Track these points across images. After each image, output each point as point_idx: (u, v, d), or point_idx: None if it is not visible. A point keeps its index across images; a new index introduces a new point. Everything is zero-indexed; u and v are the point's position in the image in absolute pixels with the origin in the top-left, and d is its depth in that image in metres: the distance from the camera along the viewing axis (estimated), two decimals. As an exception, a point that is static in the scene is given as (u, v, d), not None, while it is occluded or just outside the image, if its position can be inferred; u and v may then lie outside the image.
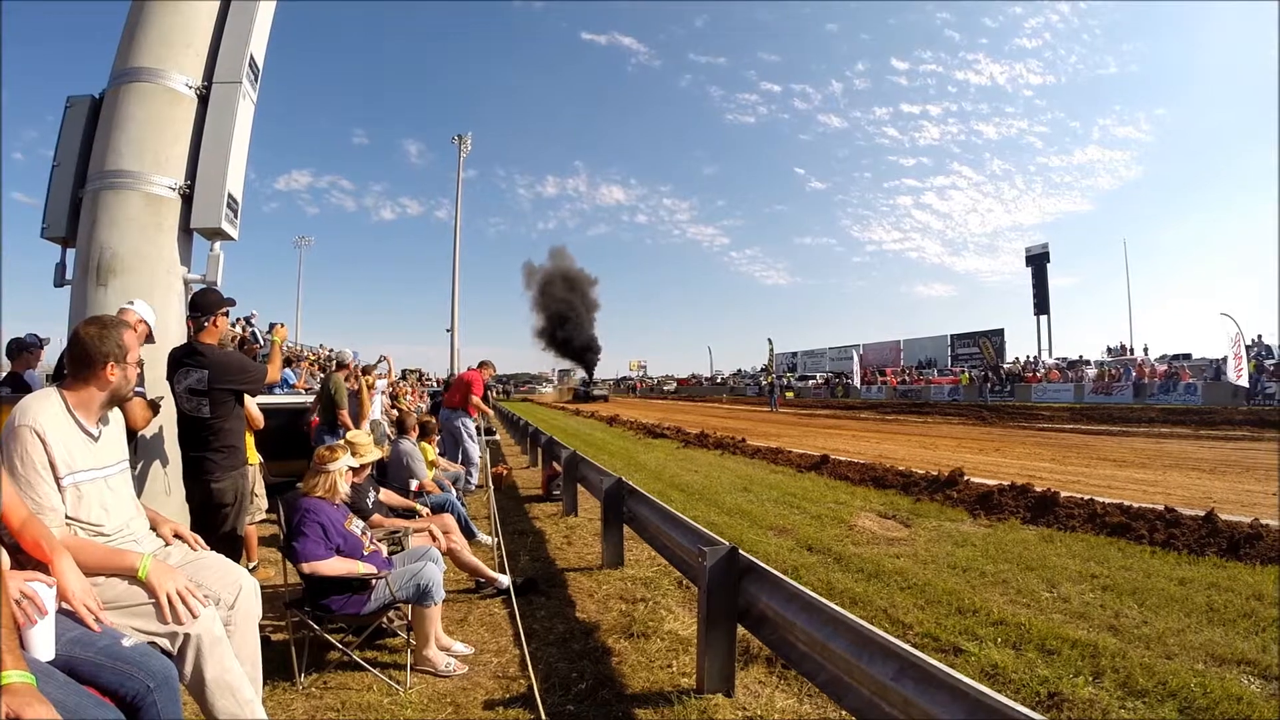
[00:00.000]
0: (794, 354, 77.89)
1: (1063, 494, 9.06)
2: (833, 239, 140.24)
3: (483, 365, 11.60)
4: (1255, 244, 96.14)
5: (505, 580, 5.76)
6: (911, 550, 7.17)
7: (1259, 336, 34.37)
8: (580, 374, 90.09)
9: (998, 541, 7.44)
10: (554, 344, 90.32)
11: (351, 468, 4.56)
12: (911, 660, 2.59)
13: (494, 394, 72.61)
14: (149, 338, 4.22)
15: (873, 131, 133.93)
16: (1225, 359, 27.50)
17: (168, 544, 3.00)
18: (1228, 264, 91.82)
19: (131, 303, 4.31)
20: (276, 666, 3.95)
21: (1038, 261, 54.03)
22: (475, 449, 10.91)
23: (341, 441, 4.92)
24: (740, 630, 3.99)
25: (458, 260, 47.20)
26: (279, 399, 9.60)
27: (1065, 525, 7.99)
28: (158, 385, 4.62)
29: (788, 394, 53.41)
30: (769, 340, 62.70)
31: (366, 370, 10.77)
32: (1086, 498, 8.95)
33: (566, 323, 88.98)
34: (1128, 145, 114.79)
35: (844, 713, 3.39)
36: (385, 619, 4.40)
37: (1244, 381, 26.28)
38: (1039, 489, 9.29)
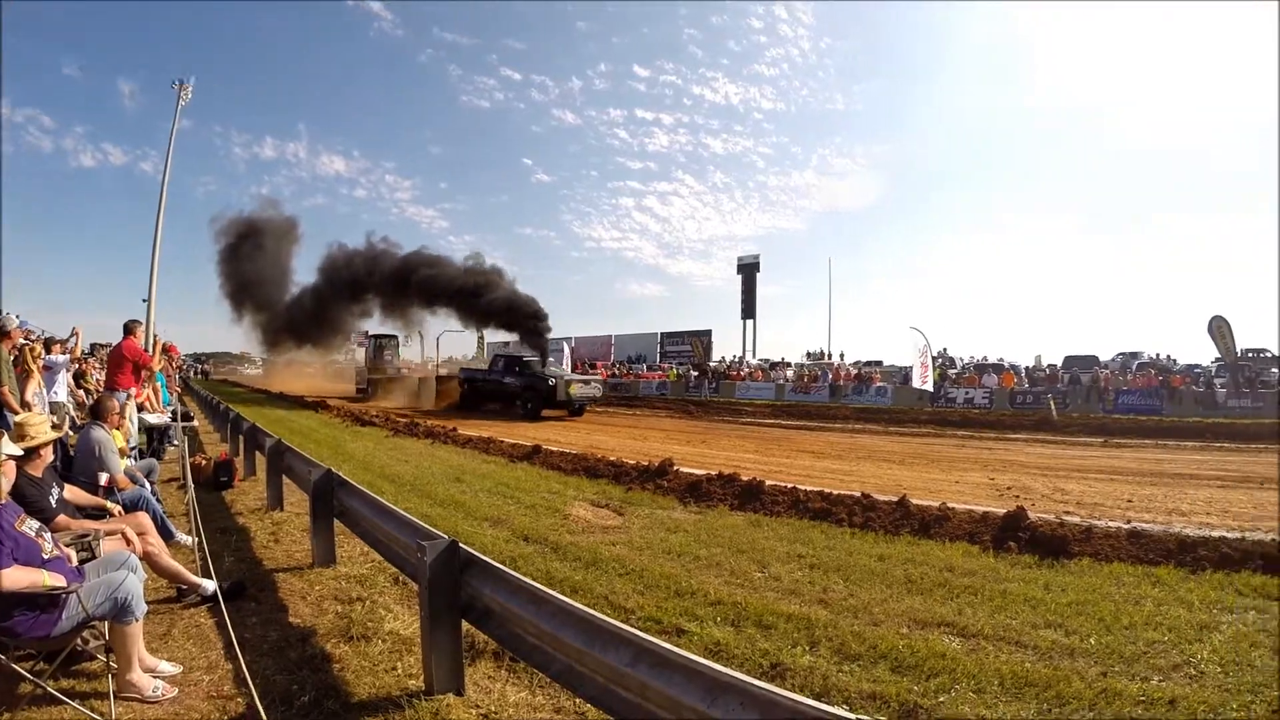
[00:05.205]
0: (506, 344, 77.85)
1: (767, 482, 9.80)
2: (553, 232, 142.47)
3: (130, 331, 10.11)
4: (944, 269, 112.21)
5: (210, 585, 5.27)
6: (627, 538, 7.42)
7: (944, 349, 40.35)
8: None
9: (709, 527, 7.88)
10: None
11: (12, 455, 3.86)
12: (644, 645, 2.68)
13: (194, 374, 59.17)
14: None
15: (605, 132, 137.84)
16: (912, 367, 31.23)
17: None
18: (920, 284, 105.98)
19: None
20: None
21: (748, 270, 58.69)
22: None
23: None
24: (465, 625, 3.93)
25: (161, 221, 41.36)
26: None
27: (771, 511, 8.62)
28: None
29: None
30: (480, 333, 59.05)
31: (49, 344, 9.28)
32: (790, 485, 9.75)
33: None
34: (843, 175, 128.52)
35: (579, 701, 3.45)
36: (80, 640, 3.82)
37: (929, 387, 29.94)
38: (745, 478, 10.03)
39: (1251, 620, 4.99)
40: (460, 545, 3.91)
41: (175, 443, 11.96)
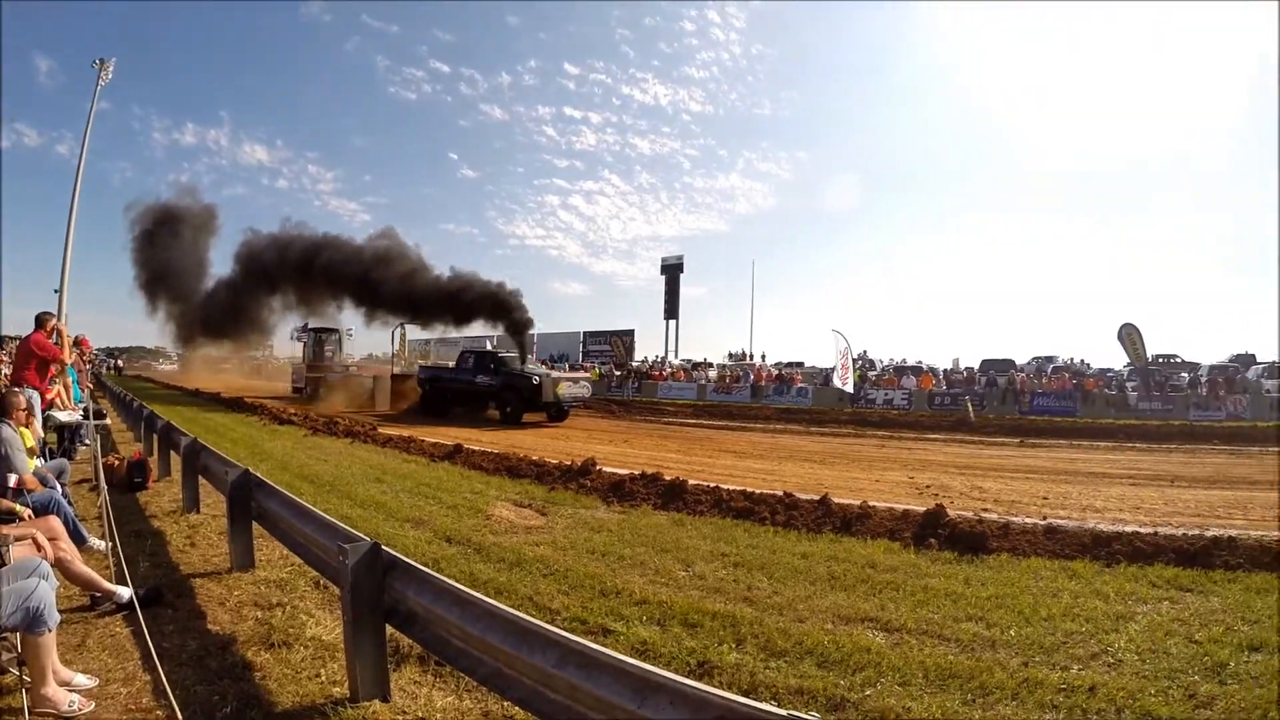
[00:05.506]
0: (427, 341, 76.64)
1: (690, 482, 9.90)
2: (477, 229, 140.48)
3: (41, 324, 9.51)
4: (867, 273, 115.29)
5: (125, 592, 5.08)
6: (550, 538, 7.40)
7: (864, 351, 41.52)
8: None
9: (632, 526, 7.92)
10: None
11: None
12: (572, 647, 2.69)
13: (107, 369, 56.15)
14: None
15: (532, 128, 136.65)
16: (833, 368, 31.87)
17: None
18: (840, 289, 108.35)
19: None
20: None
21: (672, 271, 59.17)
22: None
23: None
24: (390, 630, 3.89)
25: (75, 207, 39.25)
26: None
27: (694, 510, 8.69)
28: None
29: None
30: (401, 326, 55.50)
31: None
32: (712, 485, 9.83)
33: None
34: (767, 179, 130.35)
35: (508, 704, 3.43)
36: (-10, 653, 3.63)
37: (849, 388, 30.75)
38: (668, 477, 10.11)
39: (1165, 610, 5.23)
40: (383, 547, 3.85)
41: (87, 442, 11.52)
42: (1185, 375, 32.79)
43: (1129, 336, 30.01)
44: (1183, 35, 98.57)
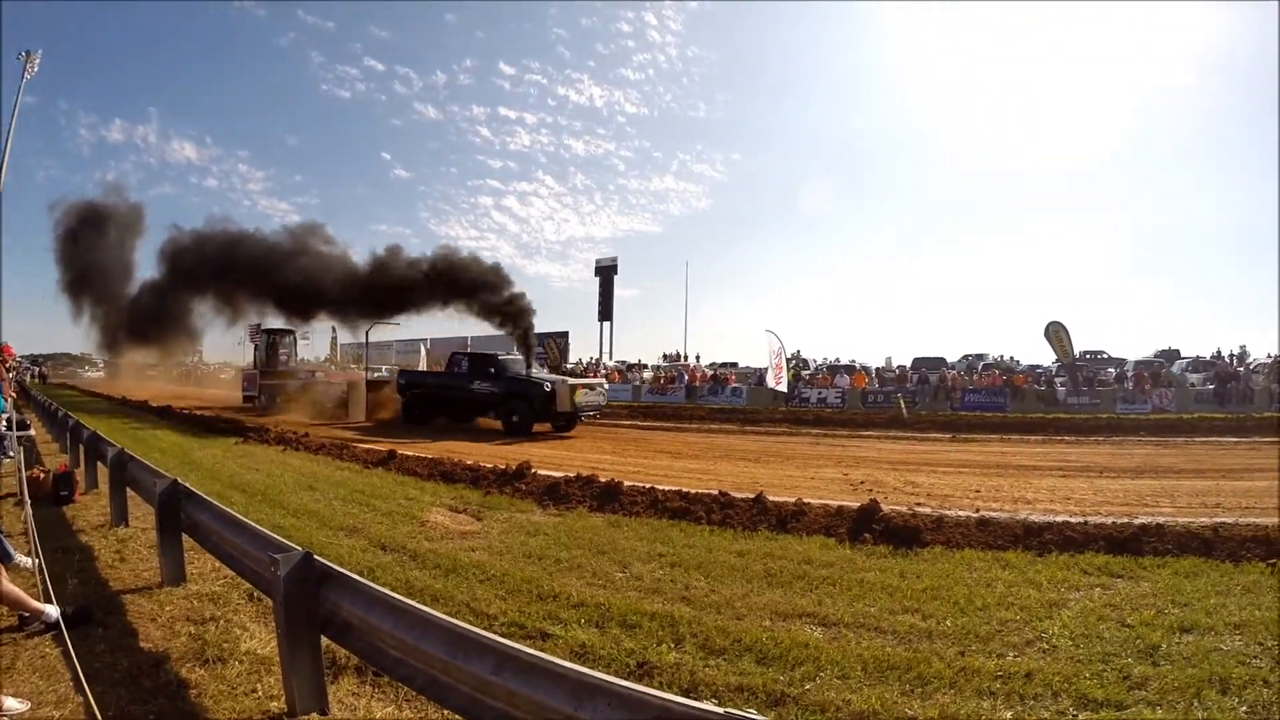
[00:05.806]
0: (359, 345, 75.63)
1: (626, 483, 9.94)
2: (409, 229, 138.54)
3: None
4: (797, 275, 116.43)
5: (54, 611, 4.93)
6: (486, 543, 7.37)
7: (798, 351, 42.06)
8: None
9: (568, 529, 7.92)
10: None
11: None
12: (508, 652, 2.69)
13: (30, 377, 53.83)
14: None
15: (466, 129, 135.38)
16: (767, 368, 32.24)
17: None
18: (774, 289, 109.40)
19: None
20: None
21: (605, 273, 59.19)
22: None
23: None
24: (326, 641, 3.83)
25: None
26: None
27: (630, 511, 8.74)
28: None
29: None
30: (333, 329, 52.07)
31: None
32: (648, 485, 9.92)
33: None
34: (701, 180, 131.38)
35: (446, 712, 3.43)
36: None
37: (783, 387, 31.19)
38: (603, 479, 10.14)
39: (1097, 596, 5.42)
40: (315, 557, 3.78)
41: (11, 454, 11.10)
42: (1112, 370, 33.85)
43: (1056, 334, 30.81)
44: (1115, 34, 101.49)
